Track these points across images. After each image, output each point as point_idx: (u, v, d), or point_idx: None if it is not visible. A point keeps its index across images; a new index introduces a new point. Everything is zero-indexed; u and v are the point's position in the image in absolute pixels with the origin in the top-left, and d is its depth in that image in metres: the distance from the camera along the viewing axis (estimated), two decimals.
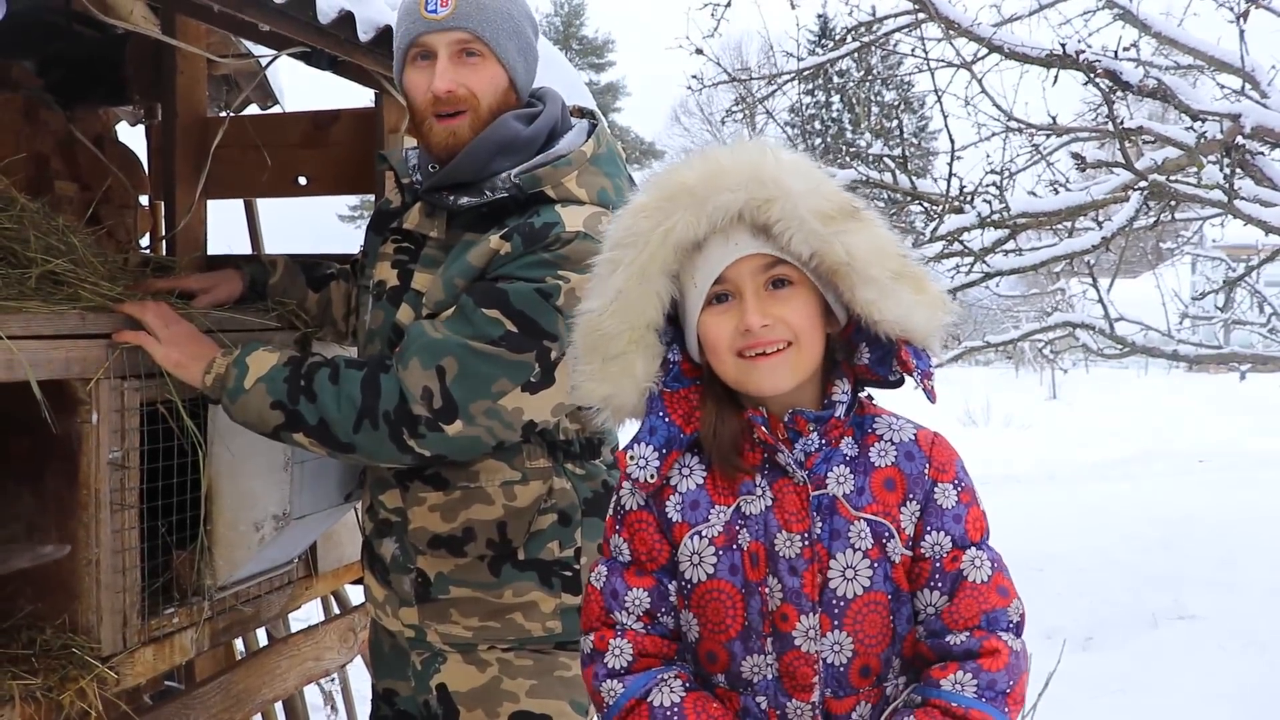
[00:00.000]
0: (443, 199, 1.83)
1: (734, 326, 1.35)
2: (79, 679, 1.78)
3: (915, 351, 1.36)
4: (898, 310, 1.34)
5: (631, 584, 1.43)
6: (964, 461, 1.43)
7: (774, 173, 1.34)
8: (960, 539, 1.37)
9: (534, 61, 1.88)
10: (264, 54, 3.39)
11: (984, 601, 1.34)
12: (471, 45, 1.79)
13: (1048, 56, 4.94)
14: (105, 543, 1.86)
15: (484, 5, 1.78)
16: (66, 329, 1.78)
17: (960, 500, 1.38)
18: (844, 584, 1.35)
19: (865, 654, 1.36)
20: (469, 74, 1.80)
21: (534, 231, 1.75)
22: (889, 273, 1.34)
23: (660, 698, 1.38)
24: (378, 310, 1.92)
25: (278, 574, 2.29)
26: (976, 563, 1.36)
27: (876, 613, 1.36)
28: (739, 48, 31.96)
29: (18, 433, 1.87)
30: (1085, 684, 4.53)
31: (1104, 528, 8.25)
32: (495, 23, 1.78)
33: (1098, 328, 6.26)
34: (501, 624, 1.86)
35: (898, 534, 1.36)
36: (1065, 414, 18.52)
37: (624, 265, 1.37)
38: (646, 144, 38.83)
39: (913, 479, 1.38)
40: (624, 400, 1.41)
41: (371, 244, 2.02)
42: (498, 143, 1.80)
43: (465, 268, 1.79)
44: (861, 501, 1.36)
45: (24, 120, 3.11)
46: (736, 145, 1.39)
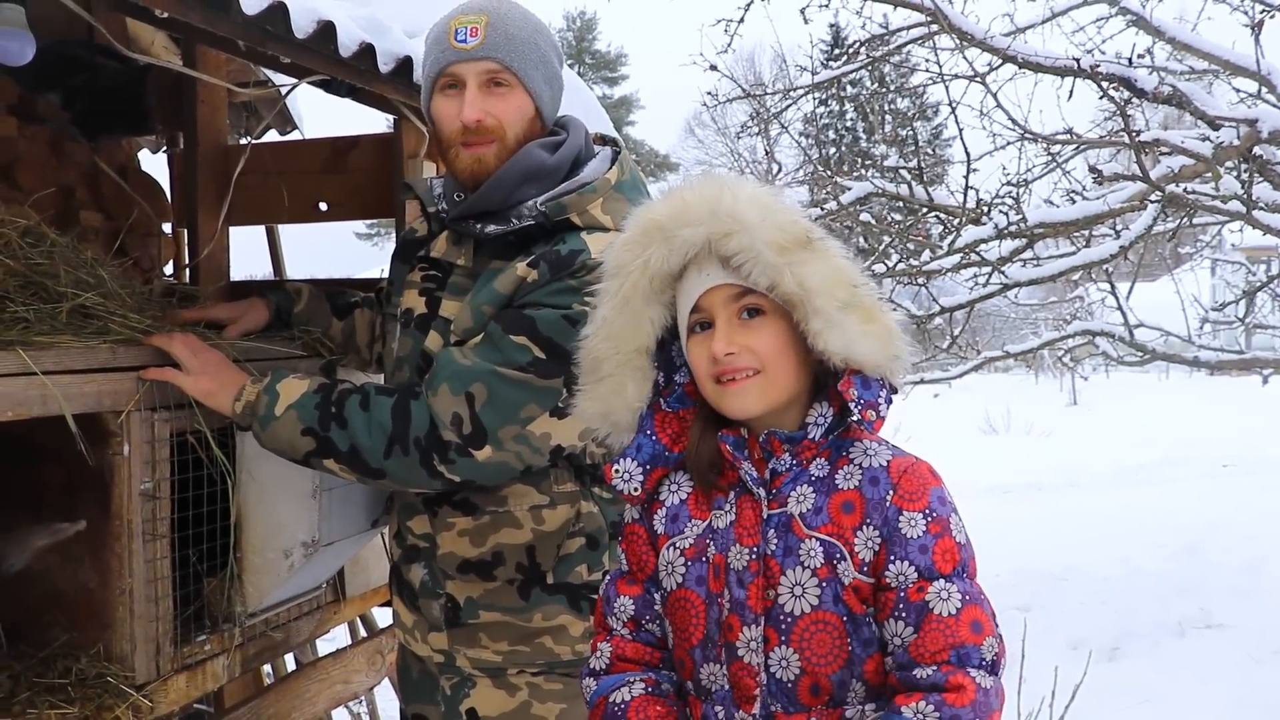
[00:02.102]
0: (470, 227, 1.85)
1: (708, 353, 1.42)
2: (114, 707, 1.81)
3: (863, 381, 1.38)
4: (841, 340, 1.36)
5: (621, 591, 1.52)
6: (945, 493, 1.39)
7: (730, 207, 1.39)
8: (926, 570, 1.34)
9: (559, 90, 1.90)
10: (284, 82, 3.43)
11: (951, 636, 1.31)
12: (500, 75, 1.81)
13: (1061, 67, 4.95)
14: (138, 572, 1.89)
15: (513, 35, 1.80)
16: (98, 363, 1.81)
17: (929, 530, 1.35)
18: (792, 600, 1.37)
19: (813, 672, 1.37)
20: (496, 103, 1.82)
21: (560, 259, 1.77)
22: (836, 303, 1.37)
23: (617, 695, 1.47)
24: (406, 338, 1.94)
25: (306, 599, 2.32)
26: (944, 595, 1.33)
27: (826, 632, 1.37)
28: (752, 59, 32.01)
29: (51, 464, 1.91)
30: (1112, 695, 4.49)
31: (1128, 535, 8.20)
32: (523, 53, 1.81)
33: (1117, 335, 6.24)
34: (531, 648, 1.88)
35: (850, 556, 1.36)
36: (1086, 420, 18.41)
37: (609, 295, 1.47)
38: (661, 156, 38.93)
39: (872, 504, 1.37)
40: (619, 418, 1.50)
41: (398, 272, 2.03)
42: (523, 171, 1.83)
43: (493, 295, 1.81)
44: (816, 521, 1.38)
45: (51, 153, 3.16)
46: (699, 182, 1.46)
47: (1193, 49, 5.23)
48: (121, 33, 3.40)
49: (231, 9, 1.76)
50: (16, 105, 3.03)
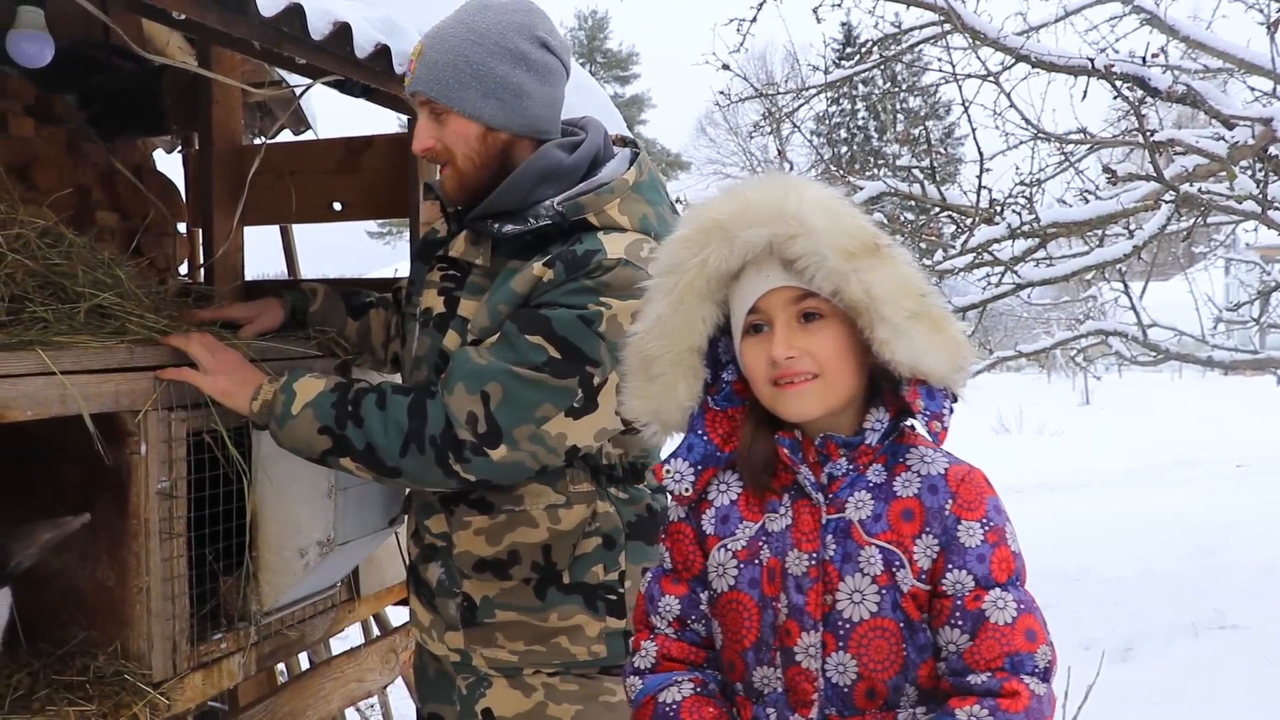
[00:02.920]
0: (487, 227, 1.86)
1: (766, 356, 1.40)
2: (132, 705, 1.82)
3: (928, 391, 1.37)
4: (909, 350, 1.35)
5: (666, 590, 1.51)
6: (1000, 502, 1.40)
7: (796, 210, 1.37)
8: (983, 578, 1.34)
9: (516, 95, 1.84)
10: (298, 82, 3.44)
11: (1007, 644, 1.32)
12: (432, 105, 1.84)
13: (1075, 66, 4.94)
14: (155, 571, 1.90)
15: (435, 63, 1.82)
16: (115, 362, 1.83)
17: (986, 540, 1.36)
18: (851, 607, 1.37)
19: (870, 678, 1.37)
20: (440, 130, 1.85)
21: (576, 259, 1.78)
22: (905, 312, 1.35)
23: (666, 695, 1.46)
24: (424, 337, 1.95)
25: (321, 598, 2.33)
26: (1000, 604, 1.33)
27: (884, 639, 1.37)
28: (763, 57, 31.99)
29: (69, 464, 1.92)
30: (1125, 696, 4.48)
31: (1141, 536, 8.18)
32: (446, 79, 1.81)
33: (1130, 335, 6.22)
34: (547, 648, 1.88)
35: (909, 564, 1.36)
36: (1099, 420, 18.36)
37: (664, 292, 1.46)
38: (673, 155, 38.89)
39: (931, 512, 1.37)
40: (669, 417, 1.49)
41: (418, 272, 2.04)
42: (540, 171, 1.84)
43: (509, 294, 1.82)
44: (876, 528, 1.38)
45: (67, 153, 3.18)
46: (763, 181, 1.44)
47: (1207, 47, 5.21)
48: (137, 33, 3.42)
49: (249, 11, 1.77)
50: (33, 106, 3.05)
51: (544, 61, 1.86)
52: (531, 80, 1.84)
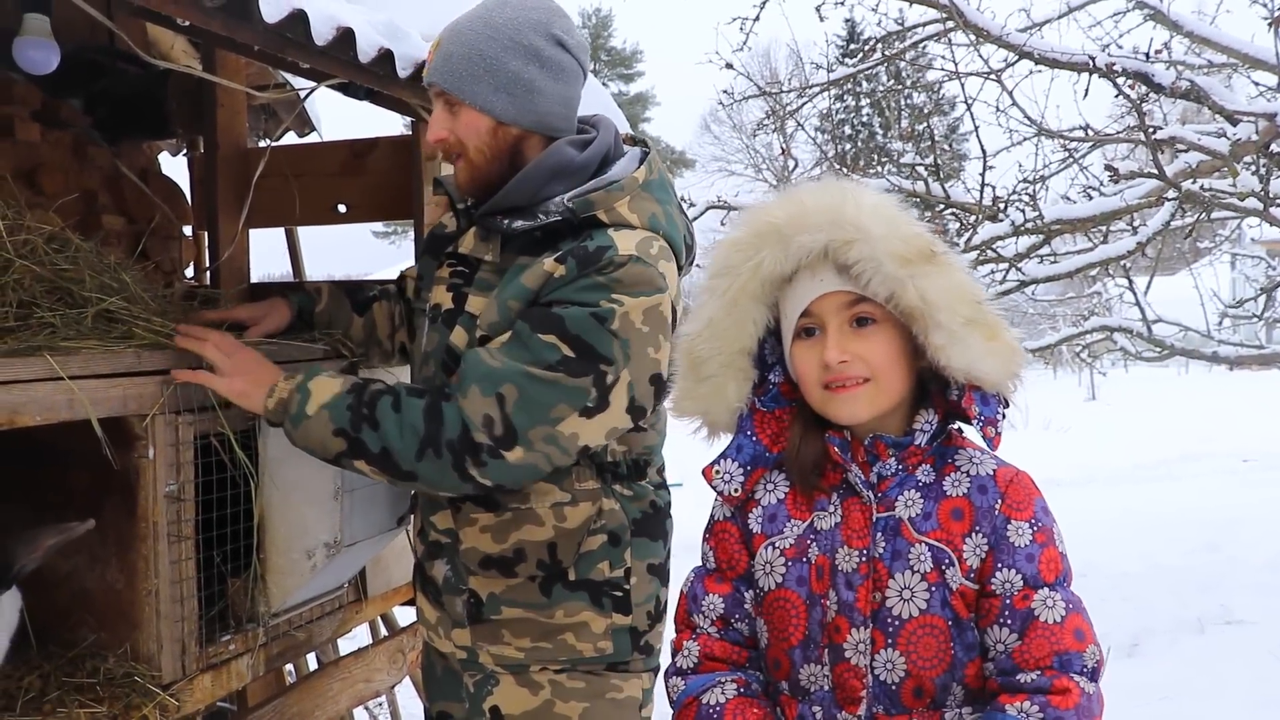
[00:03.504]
0: (497, 223, 1.87)
1: (818, 360, 1.43)
2: (142, 706, 1.83)
3: (983, 397, 1.39)
4: (965, 357, 1.37)
5: (710, 590, 1.54)
6: (1046, 503, 1.42)
7: (854, 216, 1.39)
8: (1032, 578, 1.36)
9: (529, 91, 1.85)
10: (303, 85, 3.46)
11: (1056, 642, 1.33)
12: (446, 97, 1.86)
13: (1078, 63, 4.93)
14: (164, 573, 1.91)
15: (450, 55, 1.84)
16: (123, 367, 1.84)
17: (1035, 540, 1.38)
18: (900, 604, 1.39)
19: (919, 675, 1.39)
20: (454, 122, 1.87)
21: (588, 255, 1.78)
22: (960, 319, 1.37)
23: (710, 696, 1.47)
24: (432, 333, 1.95)
25: (329, 599, 2.34)
26: (1049, 603, 1.35)
27: (932, 636, 1.38)
28: (767, 54, 31.93)
29: (78, 468, 1.93)
30: (1131, 692, 4.48)
31: (1147, 531, 8.17)
32: (460, 71, 1.83)
33: (1136, 331, 6.21)
34: (553, 644, 1.89)
35: (958, 562, 1.38)
36: (1105, 415, 18.33)
37: (716, 294, 1.49)
38: (677, 153, 38.86)
39: (981, 512, 1.39)
40: (717, 418, 1.52)
41: (426, 267, 2.05)
42: (551, 168, 1.85)
43: (520, 290, 1.82)
44: (926, 526, 1.40)
45: (73, 158, 3.20)
46: (818, 187, 1.46)
47: (1211, 43, 5.21)
48: (142, 37, 3.44)
49: (253, 18, 1.78)
50: (39, 111, 3.06)
51: (558, 59, 1.87)
52: (544, 77, 1.85)
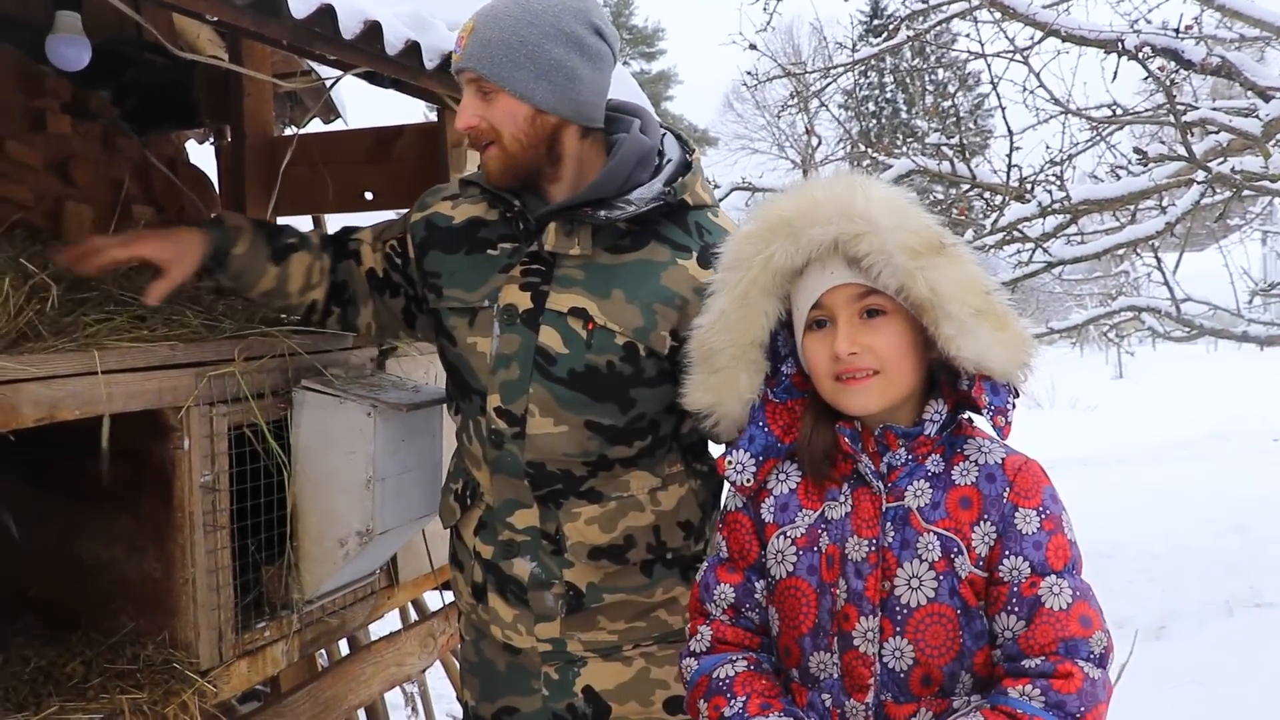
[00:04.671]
0: (587, 215, 1.83)
1: (829, 351, 1.44)
2: (181, 693, 1.87)
3: (993, 387, 1.40)
4: (974, 347, 1.38)
5: (721, 579, 1.56)
6: (1055, 491, 1.43)
7: (863, 208, 1.40)
8: (1040, 565, 1.37)
9: (568, 78, 1.81)
10: (329, 74, 3.47)
11: (1062, 629, 1.34)
12: (481, 84, 1.81)
13: (1105, 40, 4.88)
14: (200, 562, 1.94)
15: (489, 41, 1.78)
16: (157, 360, 1.87)
17: (1043, 527, 1.39)
18: (909, 592, 1.40)
19: (927, 663, 1.40)
20: (487, 108, 1.82)
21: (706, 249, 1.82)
22: (970, 309, 1.38)
23: (720, 671, 1.51)
24: (511, 334, 1.87)
25: (361, 586, 2.37)
26: (1055, 590, 1.36)
27: (940, 625, 1.39)
28: (790, 32, 31.71)
29: (116, 459, 1.96)
30: (1159, 675, 4.47)
31: (1175, 512, 8.12)
32: (499, 57, 1.78)
33: (1164, 310, 6.17)
34: (647, 622, 1.92)
35: (967, 551, 1.39)
36: (1132, 394, 18.21)
37: (728, 287, 1.50)
38: (699, 131, 38.70)
39: (989, 500, 1.40)
40: (729, 409, 1.53)
41: (458, 265, 1.95)
42: (636, 156, 1.85)
43: (663, 293, 1.82)
44: (935, 515, 1.41)
45: (103, 148, 3.22)
46: (830, 180, 1.47)
47: (1243, 15, 5.13)
48: (168, 28, 3.46)
49: (281, 14, 1.80)
50: (70, 103, 3.09)
51: (597, 47, 1.84)
52: (585, 65, 1.82)
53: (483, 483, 1.94)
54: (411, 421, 2.15)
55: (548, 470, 1.86)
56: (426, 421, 2.23)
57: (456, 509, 2.01)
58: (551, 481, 1.88)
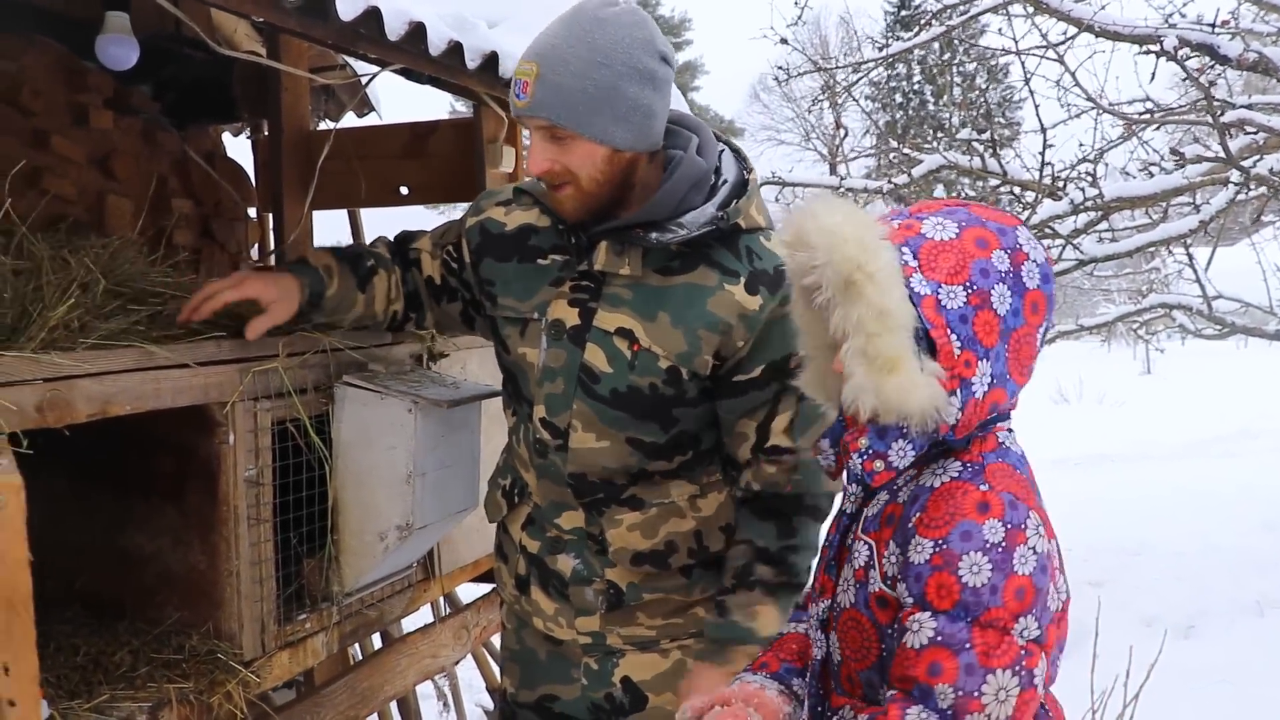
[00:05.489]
0: (638, 237, 1.82)
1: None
2: (225, 682, 1.90)
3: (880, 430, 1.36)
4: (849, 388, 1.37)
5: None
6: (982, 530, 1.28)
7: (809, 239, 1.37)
8: (918, 597, 1.30)
9: (645, 115, 1.76)
10: (365, 69, 3.50)
11: (908, 667, 1.28)
12: (555, 130, 1.75)
13: (1140, 35, 4.85)
14: (244, 555, 1.98)
15: (562, 87, 1.71)
16: (204, 356, 1.90)
17: (930, 561, 1.29)
18: (842, 593, 1.44)
19: (848, 664, 1.43)
20: (561, 152, 1.76)
21: (772, 278, 1.81)
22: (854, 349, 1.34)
23: (787, 627, 1.64)
24: (557, 349, 1.88)
25: (399, 578, 2.40)
26: (916, 627, 1.28)
27: (858, 630, 1.40)
28: (817, 22, 31.56)
29: (163, 454, 2.00)
30: (1187, 674, 4.45)
31: (1203, 509, 8.07)
32: (574, 103, 1.71)
33: (1195, 308, 6.12)
34: (684, 619, 1.95)
35: (878, 565, 1.38)
36: (1160, 390, 18.08)
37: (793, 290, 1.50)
38: (726, 122, 38.60)
39: (902, 521, 1.37)
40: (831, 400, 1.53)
41: (502, 273, 1.96)
42: (691, 179, 1.82)
43: (709, 319, 1.81)
44: (869, 526, 1.42)
45: (143, 143, 3.27)
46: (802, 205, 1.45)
47: None
48: (206, 22, 3.50)
49: (329, 16, 1.82)
50: (112, 98, 3.14)
51: (665, 76, 1.79)
52: (658, 98, 1.78)
53: (530, 484, 1.98)
54: (451, 417, 2.17)
55: (589, 480, 1.89)
56: (466, 417, 2.25)
57: (504, 505, 2.05)
58: (593, 490, 1.90)
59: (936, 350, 1.31)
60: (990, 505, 1.30)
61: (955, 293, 1.31)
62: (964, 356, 1.31)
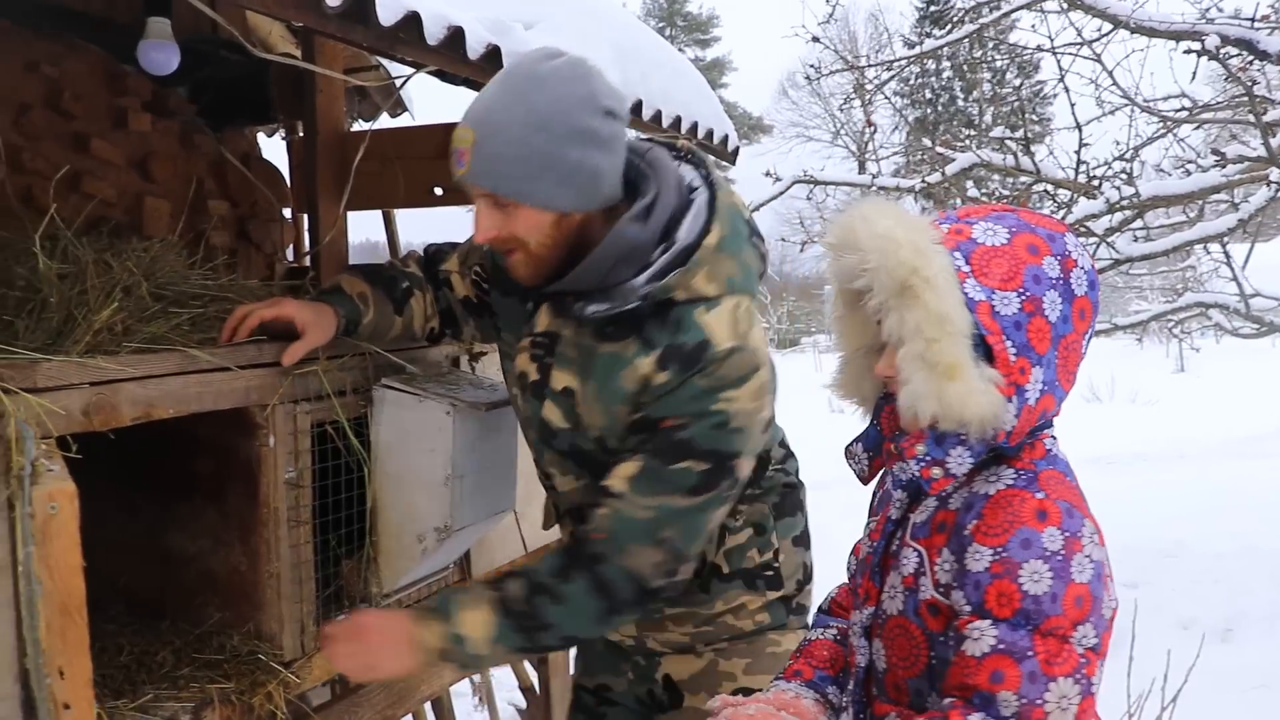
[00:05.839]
0: (569, 306, 1.79)
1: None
2: (266, 683, 1.92)
3: (938, 437, 1.35)
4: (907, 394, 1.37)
5: (855, 550, 1.64)
6: (1042, 538, 1.28)
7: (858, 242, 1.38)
8: (976, 606, 1.29)
9: (590, 174, 1.68)
10: (400, 72, 3.52)
11: (967, 676, 1.27)
12: (497, 198, 1.69)
13: (1176, 30, 4.79)
14: (284, 556, 1.99)
15: (499, 156, 1.64)
16: (245, 359, 1.91)
17: (990, 569, 1.28)
18: (888, 600, 1.44)
19: (894, 671, 1.42)
20: (506, 220, 1.71)
21: (686, 355, 1.69)
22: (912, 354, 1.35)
23: (813, 633, 1.66)
24: (523, 403, 1.92)
25: (436, 579, 2.42)
26: (976, 634, 1.27)
27: (905, 638, 1.40)
28: (845, 19, 31.45)
29: (204, 455, 2.02)
30: (1225, 678, 4.41)
31: (1240, 510, 7.98)
32: (513, 172, 1.65)
33: (1232, 307, 6.05)
34: (714, 626, 1.99)
35: (930, 572, 1.37)
36: (1195, 388, 17.88)
37: (829, 298, 1.53)
38: (754, 119, 38.50)
39: (956, 529, 1.35)
40: (864, 398, 1.56)
41: (502, 307, 2.00)
42: (617, 255, 1.72)
43: (620, 394, 1.75)
44: (919, 532, 1.41)
45: (181, 145, 3.30)
46: (851, 209, 1.44)
47: None
48: (242, 24, 3.52)
49: (369, 20, 1.83)
50: (150, 101, 3.16)
51: (612, 132, 1.70)
52: (605, 157, 1.69)
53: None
54: (489, 420, 2.18)
55: (584, 512, 1.86)
56: (503, 420, 2.26)
57: (553, 514, 2.15)
58: None
59: (993, 357, 1.31)
60: (1048, 513, 1.30)
61: (1009, 299, 1.31)
62: (1019, 363, 1.31)
